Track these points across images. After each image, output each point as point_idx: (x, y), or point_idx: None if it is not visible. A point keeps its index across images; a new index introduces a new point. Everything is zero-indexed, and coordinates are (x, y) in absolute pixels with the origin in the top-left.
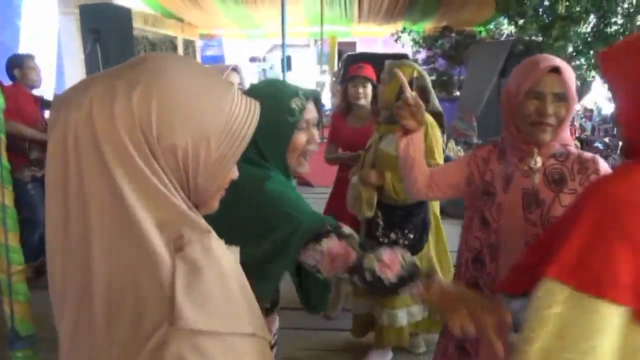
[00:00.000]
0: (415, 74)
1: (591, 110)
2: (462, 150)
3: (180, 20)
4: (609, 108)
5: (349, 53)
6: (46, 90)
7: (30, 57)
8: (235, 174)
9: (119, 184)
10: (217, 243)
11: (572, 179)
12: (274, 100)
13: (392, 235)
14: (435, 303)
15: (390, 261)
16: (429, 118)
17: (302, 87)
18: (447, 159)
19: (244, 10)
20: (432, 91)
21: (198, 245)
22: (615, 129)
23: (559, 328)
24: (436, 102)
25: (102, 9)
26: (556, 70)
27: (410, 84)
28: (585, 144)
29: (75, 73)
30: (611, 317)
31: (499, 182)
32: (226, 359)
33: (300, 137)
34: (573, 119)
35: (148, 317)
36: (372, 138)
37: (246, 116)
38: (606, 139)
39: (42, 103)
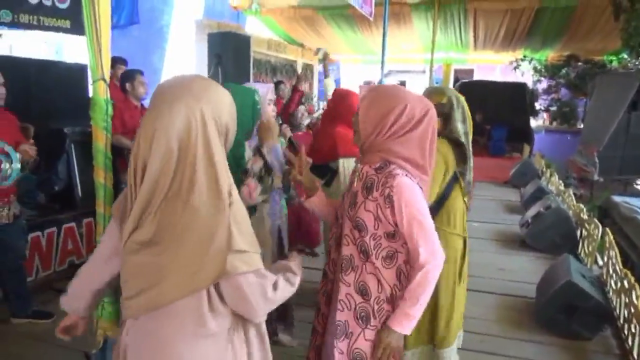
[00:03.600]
0: (443, 101)
1: None
2: (563, 184)
3: (301, 45)
4: None
5: (463, 80)
6: None
7: (141, 72)
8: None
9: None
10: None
11: (376, 189)
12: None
13: None
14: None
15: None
16: (442, 145)
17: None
18: (541, 190)
19: (360, 37)
20: (459, 119)
21: (238, 204)
22: None
23: None
24: (459, 130)
25: (226, 37)
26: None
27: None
28: None
29: None
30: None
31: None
32: (250, 266)
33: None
34: None
35: (216, 237)
36: None
37: (234, 112)
38: None
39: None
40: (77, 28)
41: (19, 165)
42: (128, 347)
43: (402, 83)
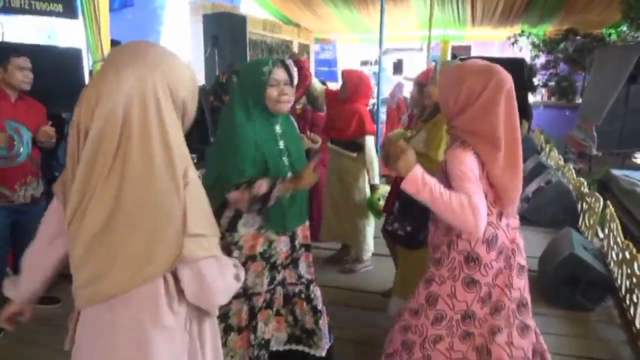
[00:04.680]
0: None
1: None
2: (562, 159)
3: (297, 25)
4: None
5: (461, 57)
6: None
7: None
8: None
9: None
10: (195, 174)
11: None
12: (254, 67)
13: (395, 225)
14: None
15: (258, 185)
16: None
17: (274, 58)
18: (541, 165)
19: (357, 16)
20: None
21: (195, 185)
22: None
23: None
24: None
25: (221, 17)
26: None
27: None
28: None
29: (199, 75)
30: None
31: None
32: (208, 251)
33: (271, 91)
34: None
35: (171, 221)
36: (410, 132)
37: (195, 82)
38: None
39: None
40: (69, 12)
41: (28, 149)
42: (81, 336)
43: (399, 61)
